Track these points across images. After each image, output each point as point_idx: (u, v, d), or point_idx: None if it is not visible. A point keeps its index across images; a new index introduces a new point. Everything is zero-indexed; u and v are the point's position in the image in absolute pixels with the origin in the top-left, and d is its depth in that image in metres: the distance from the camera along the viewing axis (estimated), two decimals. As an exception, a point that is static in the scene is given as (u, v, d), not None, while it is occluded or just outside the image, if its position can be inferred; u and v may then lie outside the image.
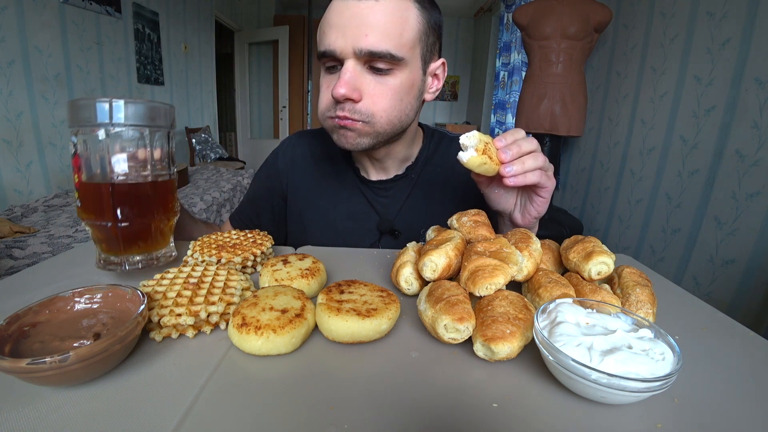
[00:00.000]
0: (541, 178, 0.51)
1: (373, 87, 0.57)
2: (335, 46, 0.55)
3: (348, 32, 0.54)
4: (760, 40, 1.61)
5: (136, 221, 0.46)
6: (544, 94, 2.52)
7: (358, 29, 0.53)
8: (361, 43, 0.54)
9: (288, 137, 0.85)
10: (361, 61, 0.56)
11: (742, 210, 1.67)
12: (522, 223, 0.58)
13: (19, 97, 2.10)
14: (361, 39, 0.53)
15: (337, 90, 0.55)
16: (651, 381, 0.28)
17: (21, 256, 1.51)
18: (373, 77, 0.57)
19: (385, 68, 0.56)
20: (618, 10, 2.52)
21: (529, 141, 0.51)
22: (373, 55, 0.54)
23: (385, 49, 0.54)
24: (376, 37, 0.54)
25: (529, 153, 0.51)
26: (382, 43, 0.54)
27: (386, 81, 0.57)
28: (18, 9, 2.05)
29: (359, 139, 0.61)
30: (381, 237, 0.74)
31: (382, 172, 0.75)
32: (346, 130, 0.60)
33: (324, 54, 0.57)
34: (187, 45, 3.97)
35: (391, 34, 0.54)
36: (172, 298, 0.39)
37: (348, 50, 0.54)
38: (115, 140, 0.44)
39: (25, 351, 0.32)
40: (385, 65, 0.56)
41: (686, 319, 0.45)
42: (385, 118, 0.59)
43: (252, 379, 0.33)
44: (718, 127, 1.80)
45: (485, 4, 4.56)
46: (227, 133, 6.05)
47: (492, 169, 0.50)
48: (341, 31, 0.54)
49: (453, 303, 0.37)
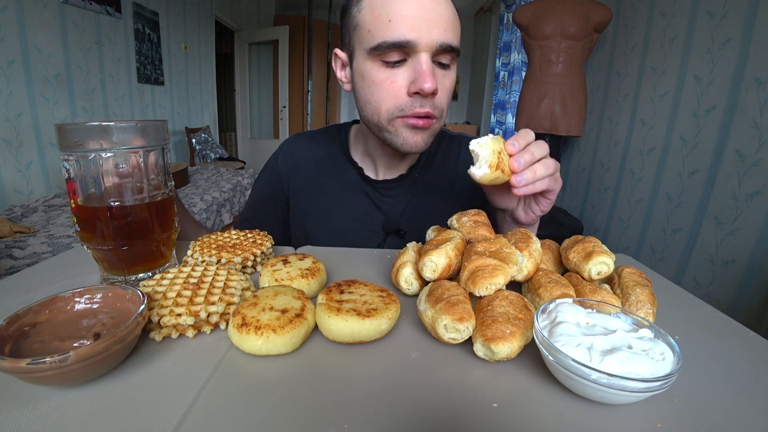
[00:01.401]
0: (550, 184, 0.51)
1: (441, 80, 0.57)
2: (412, 37, 0.52)
3: (425, 24, 0.52)
4: (760, 40, 1.61)
5: (136, 243, 0.45)
6: (544, 94, 2.52)
7: (436, 22, 0.53)
8: (441, 37, 0.53)
9: (287, 140, 0.83)
10: (429, 54, 0.54)
11: (742, 210, 1.67)
12: (525, 221, 0.58)
13: (19, 97, 2.10)
14: (441, 32, 0.53)
15: (426, 83, 0.53)
16: (651, 381, 0.28)
17: (21, 256, 1.51)
18: (439, 71, 0.57)
19: (447, 63, 0.57)
20: (618, 10, 2.52)
21: (540, 146, 0.50)
22: (449, 49, 0.54)
23: (456, 44, 0.55)
24: (452, 31, 0.54)
25: (540, 159, 0.49)
26: (455, 38, 0.55)
27: (449, 75, 0.58)
28: (18, 9, 2.05)
29: (429, 138, 0.60)
30: (386, 237, 0.74)
31: (390, 172, 0.74)
32: (420, 130, 0.59)
33: (398, 45, 0.53)
34: (187, 45, 3.97)
35: (457, 29, 0.56)
36: (172, 298, 0.39)
37: (426, 42, 0.53)
38: (108, 164, 0.42)
39: (25, 351, 0.32)
40: (448, 59, 0.56)
41: (686, 319, 0.45)
42: (446, 113, 0.60)
43: (252, 379, 0.33)
44: (718, 127, 1.80)
45: (485, 4, 4.56)
46: (227, 133, 6.05)
47: (503, 180, 0.48)
48: (418, 23, 0.52)
49: (453, 303, 0.37)
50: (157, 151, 0.46)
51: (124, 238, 0.44)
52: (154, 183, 0.46)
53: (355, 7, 0.58)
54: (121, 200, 0.44)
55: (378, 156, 0.73)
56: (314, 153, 0.79)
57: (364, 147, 0.75)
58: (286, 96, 5.30)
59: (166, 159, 0.48)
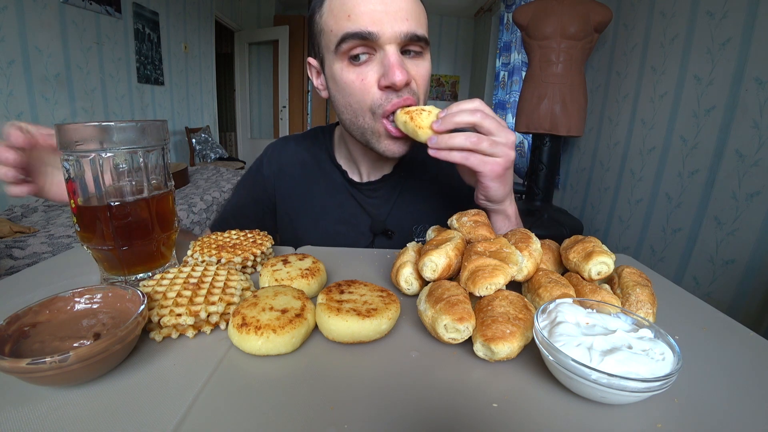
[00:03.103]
0: (470, 160, 0.49)
1: (414, 70, 0.57)
2: (373, 29, 0.53)
3: (386, 17, 0.53)
4: (760, 40, 1.61)
5: (136, 243, 0.45)
6: (544, 94, 2.52)
7: (396, 13, 0.53)
8: (404, 27, 0.53)
9: (271, 144, 0.83)
10: (397, 46, 0.55)
11: (742, 210, 1.67)
12: (477, 203, 0.58)
13: (19, 97, 2.10)
14: (403, 23, 0.53)
15: (400, 76, 0.53)
16: (651, 381, 0.28)
17: (21, 256, 1.51)
18: (411, 61, 0.57)
19: (417, 51, 0.58)
20: (618, 10, 2.52)
21: (472, 114, 0.50)
22: (415, 37, 0.55)
23: (422, 33, 0.56)
24: (415, 21, 0.55)
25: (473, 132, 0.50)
26: (419, 26, 0.55)
27: (422, 64, 0.59)
28: (18, 9, 2.05)
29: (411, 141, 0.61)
30: (374, 239, 0.73)
31: (374, 173, 0.74)
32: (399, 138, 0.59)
33: (360, 35, 0.53)
34: (187, 45, 3.97)
35: (420, 18, 0.56)
36: (172, 298, 0.39)
37: (389, 34, 0.53)
38: (108, 164, 0.42)
39: (25, 351, 0.32)
40: (418, 48, 0.57)
41: (686, 319, 0.45)
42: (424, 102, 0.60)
43: (252, 379, 0.33)
44: (718, 127, 1.80)
45: (485, 4, 4.56)
46: (227, 133, 6.04)
47: (415, 133, 0.52)
48: (378, 16, 0.53)
49: (453, 303, 0.37)
50: (157, 151, 0.46)
51: (124, 238, 0.44)
52: (154, 183, 0.46)
53: (318, 13, 0.59)
54: (121, 200, 0.44)
55: (360, 159, 0.73)
56: (300, 157, 0.78)
57: (346, 150, 0.75)
58: (286, 96, 5.30)
59: (166, 159, 0.48)
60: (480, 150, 0.50)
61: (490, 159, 0.50)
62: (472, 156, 0.50)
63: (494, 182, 0.53)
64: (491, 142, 0.50)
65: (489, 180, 0.52)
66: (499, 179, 0.53)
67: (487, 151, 0.50)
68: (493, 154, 0.50)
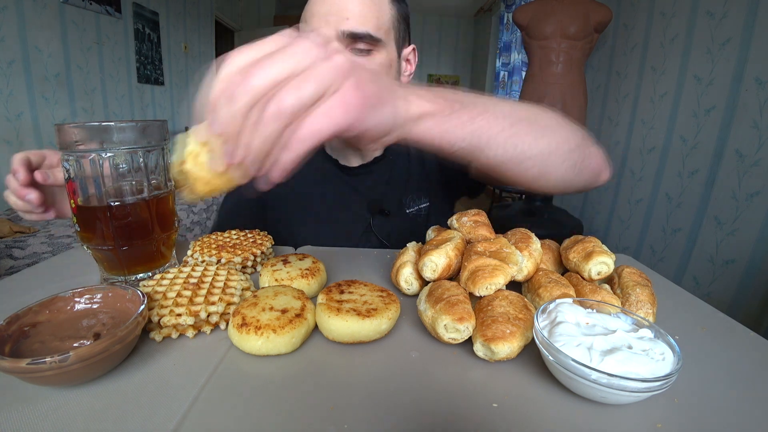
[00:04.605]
0: (300, 136, 0.28)
1: None
2: (319, 32, 0.59)
3: (330, 18, 0.59)
4: (760, 40, 1.61)
5: (136, 243, 0.46)
6: (544, 94, 2.52)
7: (339, 14, 0.59)
8: (343, 26, 0.58)
9: None
10: (343, 44, 0.60)
11: (742, 210, 1.67)
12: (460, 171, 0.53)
13: (19, 97, 2.10)
14: (343, 22, 0.58)
15: None
16: (651, 381, 0.28)
17: (21, 256, 1.51)
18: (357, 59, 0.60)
19: (365, 48, 0.61)
20: (618, 10, 2.52)
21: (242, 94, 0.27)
22: (355, 36, 0.59)
23: (365, 30, 0.59)
24: (356, 20, 0.59)
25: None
26: (361, 25, 0.59)
27: (368, 61, 0.62)
28: (18, 9, 2.05)
29: None
30: (373, 219, 0.75)
31: (364, 156, 0.77)
32: None
33: None
34: (187, 45, 3.97)
35: (368, 17, 0.60)
36: (172, 298, 0.39)
37: (331, 33, 0.59)
38: (107, 164, 0.42)
39: (25, 351, 0.32)
40: (365, 46, 0.61)
41: (686, 319, 0.45)
42: None
43: (252, 379, 0.33)
44: (718, 127, 1.80)
45: (485, 4, 4.56)
46: (227, 133, 6.04)
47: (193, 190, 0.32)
48: (324, 18, 0.59)
49: (453, 303, 0.37)
50: (157, 151, 0.46)
51: (124, 238, 0.44)
52: (154, 183, 0.46)
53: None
54: (121, 200, 0.44)
55: (345, 146, 0.76)
56: None
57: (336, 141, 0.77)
58: (286, 96, 5.30)
59: (166, 159, 0.48)
60: (287, 112, 0.27)
61: (317, 110, 0.28)
62: (300, 129, 0.28)
63: (358, 121, 0.30)
64: (293, 87, 0.27)
65: (348, 124, 0.29)
66: (359, 109, 0.30)
67: (297, 106, 0.27)
68: (309, 98, 0.27)
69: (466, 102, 0.38)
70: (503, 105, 0.42)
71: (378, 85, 0.32)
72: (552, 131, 0.44)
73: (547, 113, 0.46)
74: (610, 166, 0.52)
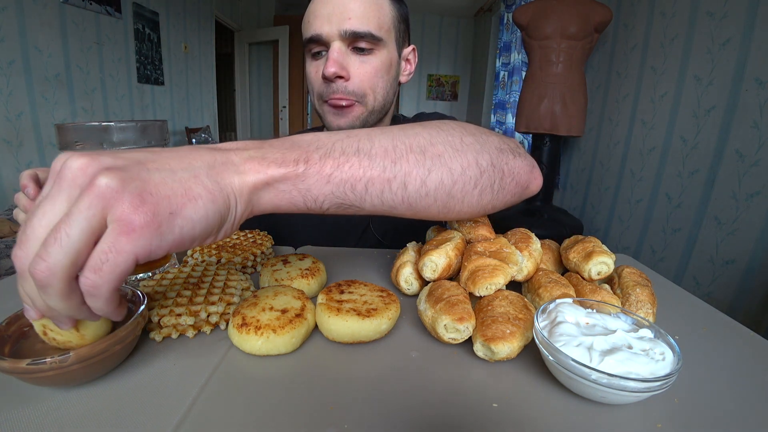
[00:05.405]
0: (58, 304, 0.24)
1: (358, 66, 0.64)
2: (321, 31, 0.61)
3: (333, 18, 0.61)
4: (760, 40, 1.61)
5: None
6: (544, 94, 2.52)
7: (341, 15, 0.60)
8: (345, 25, 0.60)
9: None
10: (345, 43, 0.62)
11: (742, 210, 1.67)
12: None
13: (19, 97, 2.10)
14: (345, 22, 0.60)
15: (328, 69, 0.60)
16: (651, 381, 0.28)
17: (21, 256, 1.51)
18: (357, 57, 0.64)
19: (367, 48, 0.63)
20: (618, 10, 2.52)
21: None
22: (356, 35, 0.61)
23: (366, 30, 0.61)
24: (358, 20, 0.61)
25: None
26: (363, 25, 0.61)
27: (369, 60, 0.64)
28: (18, 9, 2.05)
29: (354, 121, 0.66)
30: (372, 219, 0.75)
31: None
32: (340, 114, 0.65)
33: (311, 39, 0.63)
34: (187, 45, 3.97)
35: (370, 17, 0.62)
36: (172, 298, 0.39)
37: (333, 33, 0.61)
38: None
39: (26, 351, 0.32)
40: (367, 45, 0.63)
41: (686, 319, 0.45)
42: (372, 95, 0.65)
43: (252, 379, 0.33)
44: (718, 127, 1.80)
45: (485, 4, 4.56)
46: (227, 133, 6.04)
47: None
48: (326, 18, 0.61)
49: (453, 303, 0.37)
50: None
51: None
52: None
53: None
54: None
55: None
56: None
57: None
58: (286, 96, 5.30)
59: None
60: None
61: (99, 248, 0.24)
62: (94, 276, 0.24)
63: (157, 239, 0.25)
64: (53, 240, 0.23)
65: (146, 249, 0.24)
66: (151, 227, 0.24)
67: (65, 260, 0.23)
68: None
69: (330, 148, 0.32)
70: (384, 138, 0.35)
71: (174, 182, 0.25)
72: (450, 158, 0.36)
73: (447, 133, 0.38)
74: (538, 175, 0.44)
